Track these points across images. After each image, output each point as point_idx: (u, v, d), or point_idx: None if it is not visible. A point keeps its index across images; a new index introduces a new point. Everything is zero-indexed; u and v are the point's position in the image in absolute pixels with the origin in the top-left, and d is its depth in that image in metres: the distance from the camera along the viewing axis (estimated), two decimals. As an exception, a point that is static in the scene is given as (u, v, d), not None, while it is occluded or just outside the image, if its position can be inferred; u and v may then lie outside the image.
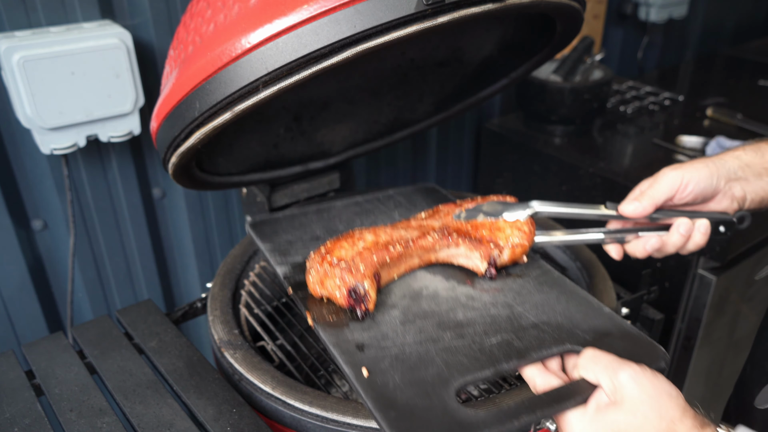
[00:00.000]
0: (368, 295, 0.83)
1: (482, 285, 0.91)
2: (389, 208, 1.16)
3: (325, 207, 1.15)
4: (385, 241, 0.91)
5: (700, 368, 1.67)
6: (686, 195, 0.90)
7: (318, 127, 1.44)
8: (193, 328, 1.89)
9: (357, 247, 0.89)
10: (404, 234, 0.94)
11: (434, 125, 1.54)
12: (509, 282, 0.92)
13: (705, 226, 0.91)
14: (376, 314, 0.85)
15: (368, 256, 0.86)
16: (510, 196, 1.03)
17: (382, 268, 0.89)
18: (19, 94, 1.25)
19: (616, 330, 0.81)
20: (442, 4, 0.84)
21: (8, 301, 1.51)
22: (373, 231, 0.95)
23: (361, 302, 0.83)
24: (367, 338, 0.80)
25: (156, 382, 0.97)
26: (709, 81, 2.53)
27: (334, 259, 0.86)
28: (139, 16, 1.44)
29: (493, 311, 0.85)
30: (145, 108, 1.45)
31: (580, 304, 0.86)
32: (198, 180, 1.21)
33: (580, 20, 1.12)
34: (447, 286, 0.92)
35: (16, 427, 0.88)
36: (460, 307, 0.87)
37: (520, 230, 0.94)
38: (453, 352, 0.77)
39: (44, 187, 1.47)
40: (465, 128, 2.22)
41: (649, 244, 0.92)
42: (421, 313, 0.85)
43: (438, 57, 1.41)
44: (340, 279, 0.84)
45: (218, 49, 0.87)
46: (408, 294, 0.90)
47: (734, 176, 0.91)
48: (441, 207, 1.05)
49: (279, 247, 1.03)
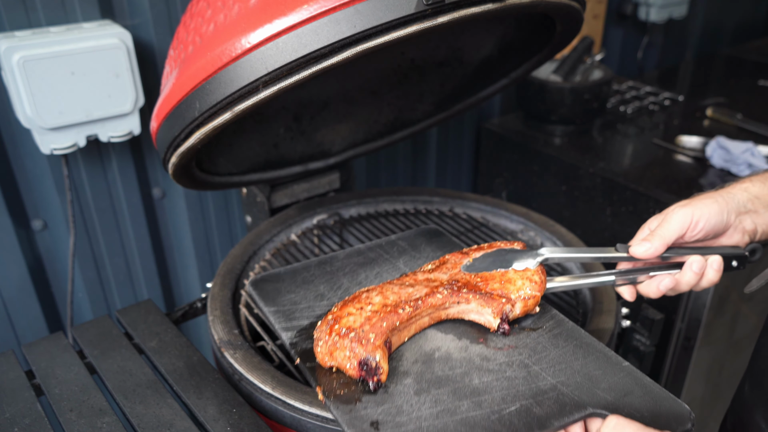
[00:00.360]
0: (380, 367, 0.80)
1: (496, 342, 0.87)
2: (393, 256, 1.11)
3: (327, 259, 1.10)
4: (393, 303, 0.87)
5: (700, 368, 1.67)
6: (697, 232, 0.88)
7: (318, 127, 1.44)
8: (193, 328, 1.89)
9: (365, 312, 0.85)
10: (412, 292, 0.90)
11: (434, 125, 1.54)
12: (523, 337, 0.88)
13: (718, 262, 0.88)
14: (389, 384, 0.81)
15: (378, 323, 0.83)
16: (518, 242, 1.00)
17: (392, 333, 0.85)
18: (19, 94, 1.25)
19: (638, 388, 0.78)
20: (442, 4, 0.84)
21: (8, 301, 1.51)
22: (380, 291, 0.91)
23: (374, 374, 0.80)
24: (381, 413, 0.76)
25: (156, 382, 0.97)
26: (709, 81, 2.53)
27: (343, 328, 0.83)
28: (139, 16, 1.44)
29: (510, 373, 0.82)
30: (145, 108, 1.45)
31: (597, 358, 0.83)
32: (198, 180, 1.21)
33: (580, 20, 1.12)
34: (459, 345, 0.88)
35: (16, 427, 0.88)
36: (475, 370, 0.82)
37: (532, 281, 0.90)
38: (471, 425, 0.74)
39: (44, 187, 1.47)
40: (465, 128, 2.22)
41: (663, 285, 0.90)
42: (435, 379, 0.81)
43: (438, 57, 1.41)
44: (350, 351, 0.81)
45: (218, 49, 0.87)
46: (420, 358, 0.85)
47: (744, 209, 0.89)
48: (448, 257, 1.00)
49: (283, 309, 0.98)
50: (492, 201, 1.49)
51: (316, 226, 1.46)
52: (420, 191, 1.55)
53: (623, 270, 0.93)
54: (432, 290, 0.90)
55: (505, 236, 1.42)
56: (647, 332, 1.37)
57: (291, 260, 1.35)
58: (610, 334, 1.07)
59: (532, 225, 1.41)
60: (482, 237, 1.42)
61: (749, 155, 1.70)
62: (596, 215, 1.80)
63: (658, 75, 2.62)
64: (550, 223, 1.40)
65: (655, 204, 1.62)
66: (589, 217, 1.83)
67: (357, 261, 1.10)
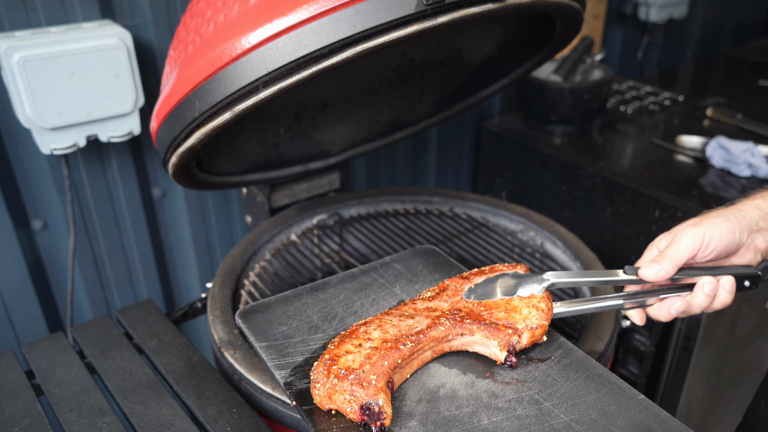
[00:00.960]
0: (384, 412, 0.74)
1: (503, 376, 0.83)
2: (389, 281, 1.05)
3: (320, 285, 1.04)
4: (394, 338, 0.83)
5: (700, 368, 1.67)
6: (709, 253, 0.85)
7: (318, 127, 1.44)
8: (193, 328, 1.89)
9: (364, 349, 0.81)
10: (413, 324, 0.86)
11: (434, 125, 1.54)
12: (531, 369, 0.83)
13: (730, 283, 0.85)
14: (393, 428, 0.75)
15: (378, 362, 0.78)
16: (521, 265, 0.96)
17: (394, 371, 0.80)
18: (19, 94, 1.25)
19: (656, 424, 0.74)
20: (442, 4, 0.84)
21: (8, 301, 1.51)
22: (378, 324, 0.86)
23: (377, 419, 0.75)
24: None
25: (156, 382, 0.97)
26: (709, 81, 2.53)
27: (342, 370, 0.78)
28: (139, 16, 1.44)
29: (520, 411, 0.77)
30: (145, 108, 1.45)
31: (611, 391, 0.79)
32: (198, 180, 1.21)
33: (580, 20, 1.12)
34: (465, 381, 0.83)
35: (16, 427, 0.88)
36: (483, 408, 0.78)
37: (538, 309, 0.86)
38: None
39: (44, 187, 1.47)
40: (465, 128, 2.22)
41: (674, 308, 0.87)
42: (441, 421, 0.76)
43: (438, 57, 1.41)
44: (351, 394, 0.76)
45: (218, 49, 0.87)
46: (424, 397, 0.80)
47: (756, 227, 0.86)
48: (448, 283, 0.95)
49: (275, 344, 0.91)
50: (492, 201, 1.49)
51: (316, 226, 1.46)
52: (420, 191, 1.55)
53: (632, 293, 0.90)
54: (434, 321, 0.85)
55: (505, 236, 1.42)
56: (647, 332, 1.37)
57: (291, 260, 1.35)
58: (610, 334, 1.07)
59: (532, 225, 1.41)
60: (482, 237, 1.42)
61: (749, 155, 1.70)
62: (596, 215, 1.80)
63: (658, 75, 2.62)
64: (550, 223, 1.40)
65: (655, 204, 1.62)
66: (589, 217, 1.83)
67: (351, 287, 1.04)
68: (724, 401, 1.89)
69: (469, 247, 1.38)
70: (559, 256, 1.34)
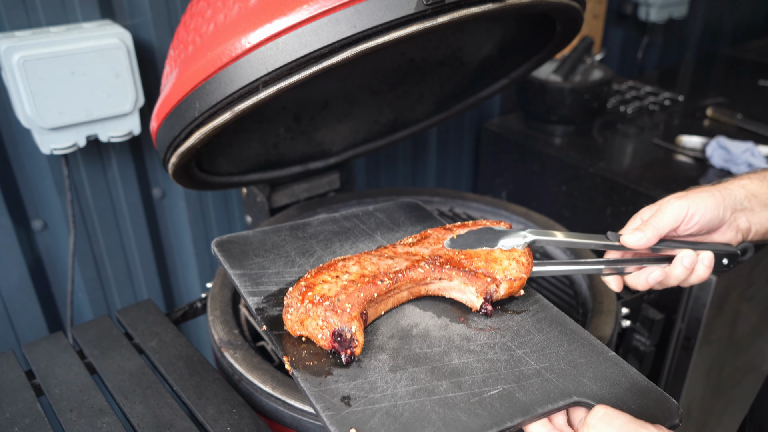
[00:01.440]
0: (356, 340, 0.75)
1: (477, 323, 0.84)
2: (370, 228, 1.05)
3: (300, 225, 1.03)
4: (372, 273, 0.83)
5: (700, 368, 1.67)
6: (692, 226, 0.86)
7: (318, 127, 1.44)
8: (193, 328, 1.89)
9: (341, 281, 0.81)
10: (392, 264, 0.86)
11: (434, 125, 1.54)
12: (506, 319, 0.85)
13: (709, 258, 0.86)
14: (363, 358, 0.76)
15: (354, 293, 0.78)
16: (504, 222, 0.97)
17: (369, 305, 0.81)
18: (19, 94, 1.25)
19: (625, 379, 0.75)
20: (442, 4, 0.84)
21: (8, 301, 1.51)
22: (358, 260, 0.86)
23: (347, 347, 0.75)
24: (354, 389, 0.72)
25: (156, 382, 0.97)
26: (709, 81, 2.53)
27: (317, 296, 0.78)
28: (139, 16, 1.44)
29: (491, 355, 0.78)
30: (145, 108, 1.45)
31: (582, 346, 0.80)
32: (198, 180, 1.21)
33: (580, 20, 1.12)
34: (439, 323, 0.84)
35: (16, 427, 0.88)
36: (455, 349, 0.79)
37: (519, 262, 0.87)
38: (450, 406, 0.70)
39: (44, 187, 1.47)
40: (465, 128, 2.22)
41: (652, 277, 0.88)
42: (412, 357, 0.77)
43: (438, 57, 1.41)
44: (324, 320, 0.76)
45: (218, 49, 0.87)
46: (397, 334, 0.81)
47: (740, 207, 0.88)
48: (430, 232, 0.95)
49: (250, 273, 0.91)
50: (492, 201, 1.49)
51: (316, 226, 1.46)
52: (420, 191, 1.55)
53: (612, 260, 0.91)
54: (413, 264, 0.86)
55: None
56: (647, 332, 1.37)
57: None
58: (610, 334, 1.07)
59: (532, 225, 1.41)
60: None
61: (749, 155, 1.70)
62: (596, 215, 1.80)
63: (658, 75, 2.62)
64: (550, 223, 1.40)
65: (655, 204, 1.62)
66: (589, 217, 1.83)
67: (331, 229, 1.03)
68: (724, 401, 1.89)
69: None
70: (560, 256, 1.35)
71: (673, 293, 1.61)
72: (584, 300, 1.22)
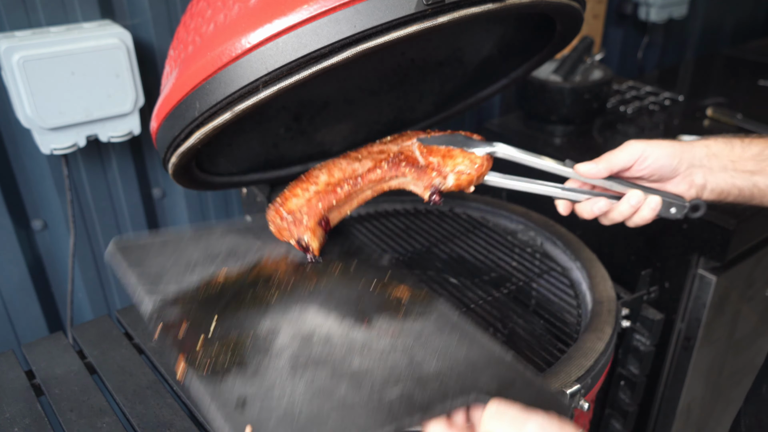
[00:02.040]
0: (309, 245, 0.92)
1: (380, 327, 0.85)
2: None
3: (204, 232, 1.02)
4: (336, 181, 0.96)
5: (700, 368, 1.67)
6: (644, 168, 0.91)
7: (318, 127, 1.44)
8: (193, 328, 1.89)
9: (309, 193, 0.94)
10: (357, 168, 0.97)
11: (434, 125, 1.54)
12: (408, 324, 0.86)
13: (656, 202, 0.92)
14: (261, 359, 0.77)
15: (314, 205, 0.93)
16: (479, 136, 1.01)
17: (331, 211, 0.94)
18: (19, 94, 1.25)
19: (519, 379, 0.77)
20: (442, 4, 0.84)
21: (8, 301, 1.51)
22: (328, 168, 0.99)
23: (307, 250, 0.92)
24: (251, 390, 0.71)
25: (156, 382, 0.97)
26: (709, 81, 2.53)
27: (285, 212, 0.94)
28: (139, 16, 1.44)
29: (392, 358, 0.79)
30: (145, 108, 1.45)
31: (481, 349, 0.82)
32: (198, 180, 1.21)
33: (580, 20, 1.12)
34: (341, 327, 0.85)
35: (16, 427, 0.88)
36: (357, 353, 0.79)
37: (472, 161, 0.92)
38: (348, 407, 0.70)
39: (44, 187, 1.47)
40: (465, 128, 2.22)
41: (597, 207, 0.94)
42: (312, 359, 0.78)
43: (438, 57, 1.41)
44: (289, 232, 0.93)
45: (218, 49, 0.87)
46: (298, 335, 0.82)
47: (698, 163, 0.91)
48: (410, 132, 1.03)
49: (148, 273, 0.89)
50: (492, 201, 1.49)
51: (316, 226, 1.46)
52: (420, 191, 1.55)
53: (567, 187, 0.98)
54: (375, 165, 0.96)
55: (505, 236, 1.42)
56: (647, 332, 1.37)
57: (291, 260, 1.35)
58: (610, 334, 1.07)
59: (532, 225, 1.41)
60: (482, 237, 1.42)
61: (749, 155, 1.70)
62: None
63: (658, 75, 2.62)
64: (550, 223, 1.40)
65: (655, 204, 1.62)
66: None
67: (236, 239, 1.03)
68: (724, 401, 1.89)
69: (469, 247, 1.38)
70: (559, 255, 1.34)
71: (673, 293, 1.61)
72: (584, 300, 1.22)
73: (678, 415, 1.72)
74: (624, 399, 1.50)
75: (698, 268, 1.56)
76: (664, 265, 1.61)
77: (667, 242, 1.59)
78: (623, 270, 1.73)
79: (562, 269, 1.31)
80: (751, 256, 1.61)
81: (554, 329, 1.16)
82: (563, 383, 0.96)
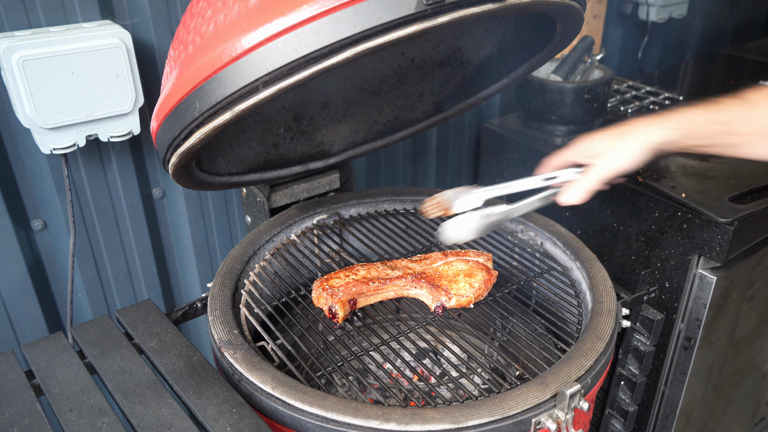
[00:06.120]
0: (337, 314, 1.13)
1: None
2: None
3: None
4: (371, 277, 1.19)
5: (700, 368, 1.67)
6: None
7: (318, 127, 1.44)
8: (193, 328, 1.89)
9: (348, 279, 1.18)
10: (389, 273, 1.21)
11: (434, 125, 1.54)
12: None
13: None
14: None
15: (349, 288, 1.16)
16: (487, 255, 1.27)
17: (360, 296, 1.17)
18: (18, 94, 1.25)
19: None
20: (442, 4, 0.84)
21: (8, 301, 1.51)
22: (369, 267, 1.23)
23: (334, 317, 1.14)
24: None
25: (156, 382, 0.97)
26: (709, 81, 2.53)
27: (327, 286, 1.16)
28: (139, 16, 1.44)
29: None
30: (145, 108, 1.45)
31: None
32: (198, 180, 1.21)
33: (580, 20, 1.12)
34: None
35: (16, 427, 0.88)
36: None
37: (472, 286, 1.17)
38: None
39: (44, 186, 1.47)
40: (465, 128, 2.22)
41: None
42: None
43: (438, 57, 1.41)
44: (325, 300, 1.14)
45: (218, 49, 0.87)
46: None
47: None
48: (432, 255, 1.27)
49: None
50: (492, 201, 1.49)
51: (316, 226, 1.46)
52: (420, 191, 1.55)
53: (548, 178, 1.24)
54: (402, 275, 1.20)
55: (505, 236, 1.42)
56: (647, 332, 1.37)
57: (291, 260, 1.35)
58: (610, 334, 1.07)
59: (532, 225, 1.41)
60: (482, 237, 1.42)
61: (749, 155, 1.70)
62: (596, 215, 1.80)
63: (658, 75, 2.62)
64: (550, 223, 1.40)
65: (655, 204, 1.61)
66: (589, 217, 1.83)
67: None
68: (724, 401, 1.89)
69: (469, 247, 1.38)
70: (559, 255, 1.34)
71: (673, 293, 1.61)
72: (584, 300, 1.22)
73: (678, 415, 1.72)
74: (624, 399, 1.50)
75: (698, 268, 1.56)
76: (664, 265, 1.61)
77: (667, 242, 1.59)
78: (623, 270, 1.73)
79: (562, 269, 1.31)
80: (751, 256, 1.61)
81: (554, 329, 1.16)
82: (563, 383, 0.96)
